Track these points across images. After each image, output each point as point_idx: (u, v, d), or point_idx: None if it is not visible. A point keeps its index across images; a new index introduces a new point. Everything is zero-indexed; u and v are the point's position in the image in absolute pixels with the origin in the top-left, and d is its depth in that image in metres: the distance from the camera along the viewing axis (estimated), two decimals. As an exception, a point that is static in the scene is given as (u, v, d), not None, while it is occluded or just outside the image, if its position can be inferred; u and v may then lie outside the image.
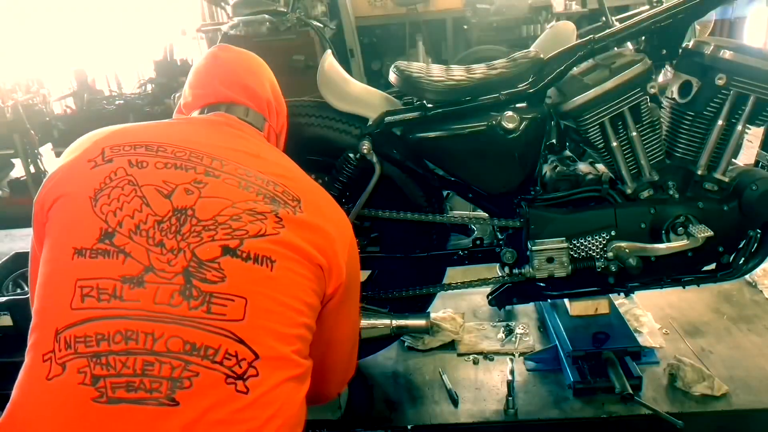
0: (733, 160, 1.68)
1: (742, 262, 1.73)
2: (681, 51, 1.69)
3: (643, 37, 1.71)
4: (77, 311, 0.96)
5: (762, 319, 2.14)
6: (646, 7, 1.78)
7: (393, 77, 1.72)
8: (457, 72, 1.74)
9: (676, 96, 1.69)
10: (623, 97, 1.60)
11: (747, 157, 1.77)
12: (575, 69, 1.67)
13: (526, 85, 1.67)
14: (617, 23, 1.78)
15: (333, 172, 1.75)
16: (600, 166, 1.83)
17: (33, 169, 3.91)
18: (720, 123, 1.61)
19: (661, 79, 1.88)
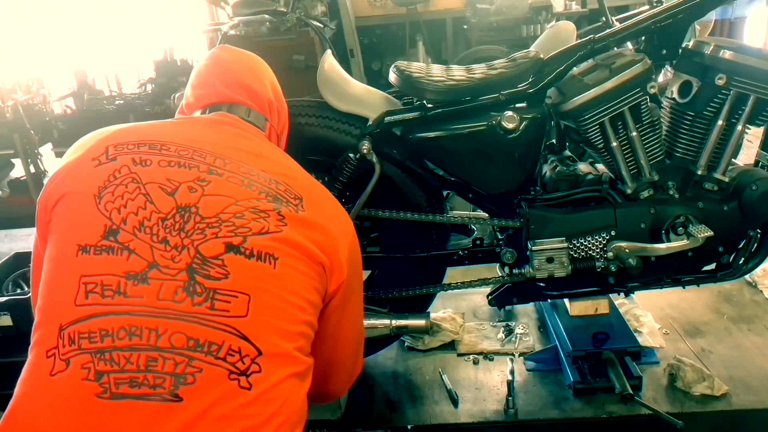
0: (733, 160, 1.69)
1: (742, 262, 1.74)
2: (681, 51, 1.69)
3: (643, 37, 1.71)
4: (81, 308, 0.97)
5: (762, 319, 2.14)
6: (646, 7, 1.78)
7: (393, 77, 1.73)
8: (457, 72, 1.75)
9: (676, 96, 1.70)
10: (623, 97, 1.60)
11: (747, 157, 1.78)
12: (575, 69, 1.68)
13: (526, 85, 1.68)
14: (617, 23, 1.78)
15: (333, 172, 1.75)
16: (600, 166, 1.83)
17: (33, 169, 3.89)
18: (720, 123, 1.62)
19: (661, 79, 1.88)
